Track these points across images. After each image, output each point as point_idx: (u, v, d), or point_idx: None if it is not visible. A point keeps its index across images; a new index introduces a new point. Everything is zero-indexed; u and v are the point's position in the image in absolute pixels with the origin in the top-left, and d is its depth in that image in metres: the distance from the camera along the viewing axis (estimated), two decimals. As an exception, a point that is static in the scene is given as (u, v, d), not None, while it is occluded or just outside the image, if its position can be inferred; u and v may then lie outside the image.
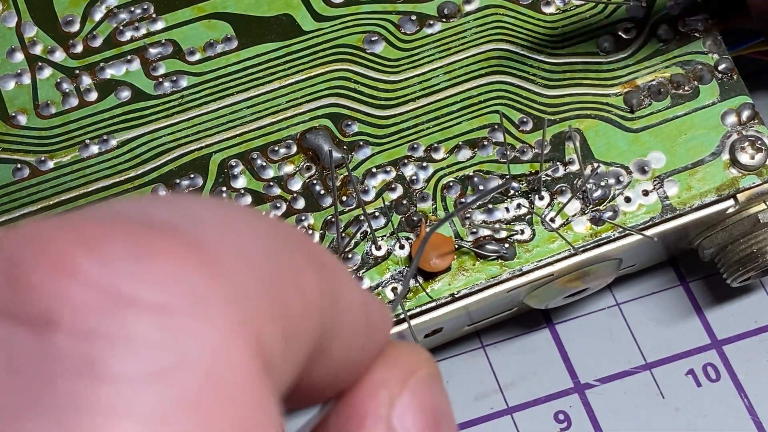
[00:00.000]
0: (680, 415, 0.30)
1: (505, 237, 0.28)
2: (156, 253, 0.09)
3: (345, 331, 0.12)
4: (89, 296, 0.09)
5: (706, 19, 0.30)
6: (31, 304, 0.09)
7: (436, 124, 0.29)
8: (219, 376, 0.09)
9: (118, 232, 0.09)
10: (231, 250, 0.10)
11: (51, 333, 0.09)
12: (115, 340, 0.09)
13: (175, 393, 0.09)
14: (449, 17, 0.30)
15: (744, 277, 0.29)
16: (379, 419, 0.12)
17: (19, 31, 0.29)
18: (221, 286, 0.09)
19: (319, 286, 0.11)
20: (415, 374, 0.13)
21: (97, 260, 0.09)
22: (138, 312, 0.09)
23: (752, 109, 0.29)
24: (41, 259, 0.09)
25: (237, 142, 0.29)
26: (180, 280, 0.09)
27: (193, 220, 0.10)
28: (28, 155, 0.28)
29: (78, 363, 0.08)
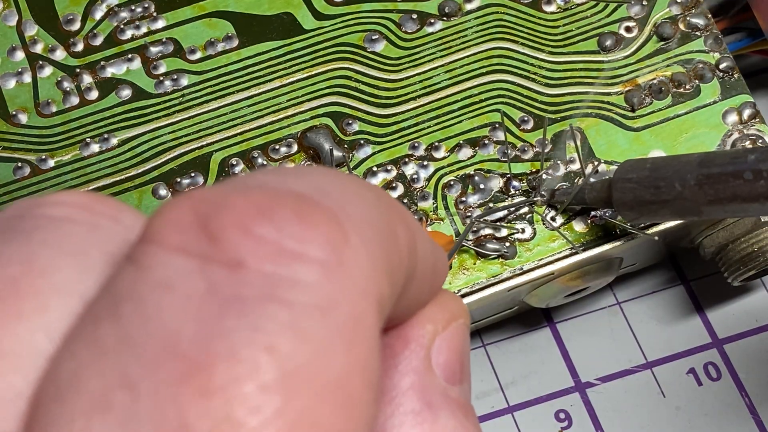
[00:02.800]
0: (681, 414, 0.30)
1: (506, 236, 0.28)
2: (313, 222, 0.12)
3: (419, 275, 0.14)
4: (267, 250, 0.11)
5: (708, 17, 0.30)
6: (224, 252, 0.11)
7: (436, 123, 0.29)
8: (359, 319, 0.11)
9: (284, 203, 0.12)
10: (357, 220, 0.12)
11: (241, 270, 0.11)
12: (289, 280, 0.11)
13: (332, 323, 0.11)
14: (450, 16, 0.30)
15: (745, 276, 0.29)
16: (421, 346, 0.15)
17: (20, 30, 0.29)
18: (358, 252, 0.12)
19: (408, 242, 0.13)
20: (457, 320, 0.15)
21: (272, 226, 0.11)
22: (304, 263, 0.11)
23: (753, 108, 0.29)
24: (228, 220, 0.11)
25: (238, 141, 0.29)
26: (332, 245, 0.12)
27: (326, 192, 0.12)
28: (28, 154, 0.28)
29: (264, 289, 0.11)
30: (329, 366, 0.11)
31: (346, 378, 0.11)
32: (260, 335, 0.11)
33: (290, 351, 0.11)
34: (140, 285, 0.11)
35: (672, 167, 0.24)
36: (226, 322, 0.11)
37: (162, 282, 0.11)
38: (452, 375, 0.15)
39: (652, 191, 0.24)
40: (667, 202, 0.24)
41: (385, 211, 0.13)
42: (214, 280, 0.11)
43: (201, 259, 0.11)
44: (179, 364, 0.10)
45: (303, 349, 0.11)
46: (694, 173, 0.23)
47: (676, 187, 0.23)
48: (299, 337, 0.11)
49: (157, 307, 0.11)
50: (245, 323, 0.11)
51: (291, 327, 0.11)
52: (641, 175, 0.25)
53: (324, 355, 0.11)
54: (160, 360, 0.10)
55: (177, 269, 0.11)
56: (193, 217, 0.11)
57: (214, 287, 0.11)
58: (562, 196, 0.27)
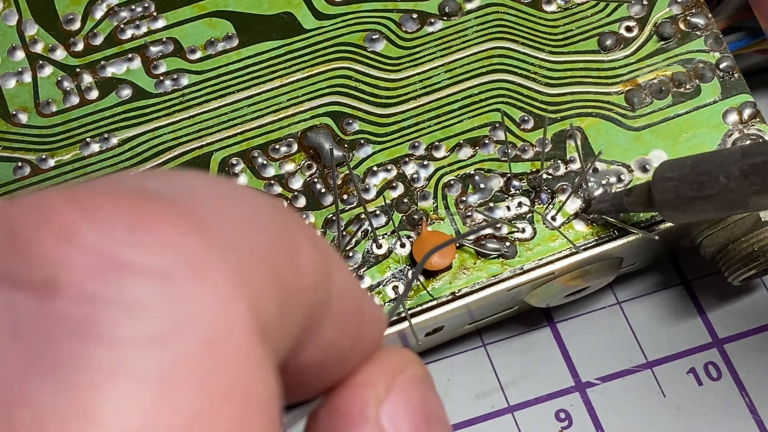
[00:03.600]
0: (681, 414, 0.30)
1: (506, 235, 0.28)
2: (154, 221, 0.09)
3: (337, 314, 0.12)
4: (90, 262, 0.09)
5: (708, 16, 0.30)
6: (33, 270, 0.09)
7: (437, 123, 0.29)
8: (218, 338, 0.09)
9: (116, 201, 0.09)
10: (227, 220, 0.10)
11: (54, 297, 0.09)
12: (116, 304, 0.09)
13: (175, 355, 0.09)
14: (450, 15, 0.30)
15: (745, 275, 0.29)
16: (367, 419, 0.12)
17: (20, 30, 0.29)
18: (218, 253, 0.09)
19: (314, 262, 0.11)
20: (402, 373, 0.13)
21: (97, 228, 0.09)
22: (137, 277, 0.09)
23: (754, 108, 0.29)
24: (43, 226, 0.09)
25: (238, 141, 0.29)
26: (178, 247, 0.09)
27: (190, 192, 0.10)
28: (29, 153, 0.28)
29: (80, 326, 0.09)
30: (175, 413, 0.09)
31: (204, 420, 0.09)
32: (74, 395, 0.09)
33: (117, 409, 0.09)
34: None
35: (714, 161, 0.24)
36: (30, 381, 0.09)
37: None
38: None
39: (695, 187, 0.24)
40: (712, 197, 0.24)
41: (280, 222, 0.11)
42: (19, 317, 0.09)
43: (6, 285, 0.09)
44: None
45: (136, 401, 0.09)
46: (738, 164, 0.23)
47: (721, 180, 0.23)
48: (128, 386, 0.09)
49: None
50: (55, 381, 0.09)
51: (117, 374, 0.09)
52: (682, 172, 0.24)
53: (166, 401, 0.09)
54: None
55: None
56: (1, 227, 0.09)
57: (19, 327, 0.09)
58: (599, 204, 0.27)
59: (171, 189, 0.10)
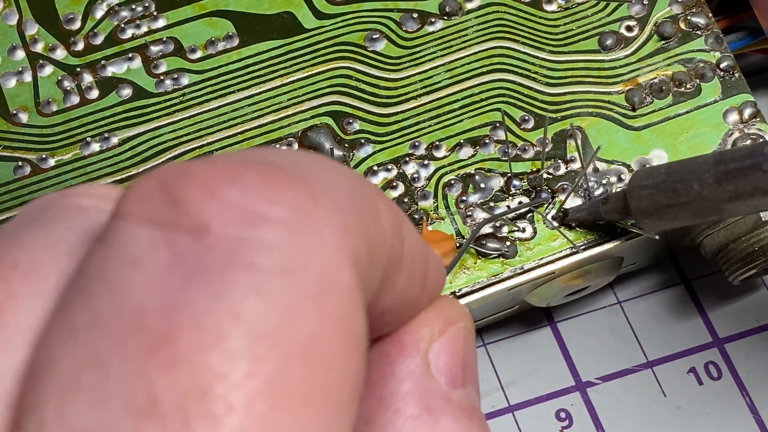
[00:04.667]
0: (682, 414, 0.30)
1: (507, 235, 0.28)
2: (279, 184, 0.11)
3: (408, 266, 0.14)
4: (232, 213, 0.11)
5: (708, 16, 0.30)
6: (187, 217, 0.11)
7: (437, 122, 0.29)
8: (331, 278, 0.11)
9: (249, 168, 0.12)
10: (329, 187, 0.12)
11: (206, 236, 0.11)
12: (254, 242, 0.11)
13: (300, 284, 0.11)
14: (451, 15, 0.30)
15: (746, 275, 0.29)
16: (417, 350, 0.15)
17: (21, 29, 0.29)
18: (326, 212, 0.12)
19: (391, 222, 0.13)
20: (455, 324, 0.15)
21: (236, 187, 0.11)
22: (269, 225, 0.11)
23: (754, 107, 0.29)
24: (194, 185, 0.11)
25: (238, 140, 0.29)
26: (298, 205, 0.11)
27: (300, 164, 0.12)
28: (29, 153, 0.28)
29: (228, 255, 0.11)
30: (298, 328, 0.11)
31: (317, 339, 0.11)
32: (224, 302, 0.11)
33: (255, 316, 0.11)
34: (108, 262, 0.11)
35: (687, 169, 0.24)
36: (189, 291, 0.11)
37: (128, 257, 0.11)
38: (453, 378, 0.15)
39: (669, 195, 0.24)
40: (687, 204, 0.24)
41: (365, 188, 0.13)
42: (179, 249, 0.11)
43: (165, 228, 0.11)
44: (145, 337, 0.10)
45: (269, 312, 0.11)
46: (711, 171, 0.23)
47: (695, 188, 0.23)
48: (264, 300, 0.11)
49: (123, 283, 0.11)
50: (209, 291, 0.11)
51: (255, 291, 0.11)
52: (657, 180, 0.24)
53: (292, 317, 0.11)
54: (126, 335, 0.11)
55: (142, 242, 0.11)
56: (158, 187, 0.11)
57: (179, 256, 0.11)
58: (576, 213, 0.27)
59: (286, 162, 0.12)
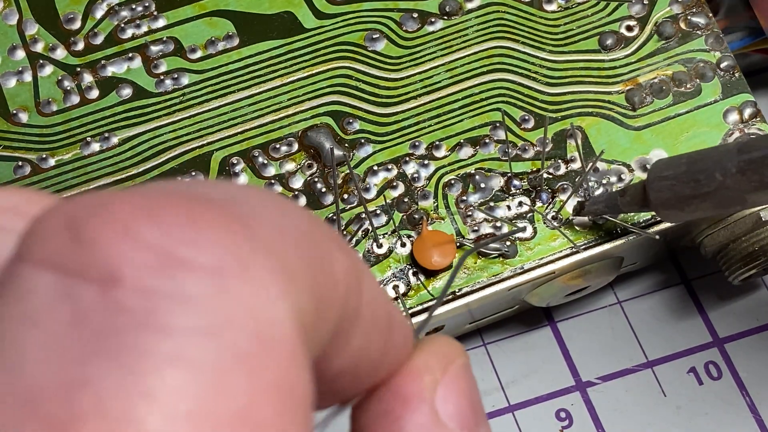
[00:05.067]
0: (682, 413, 0.30)
1: (507, 234, 0.28)
2: (208, 223, 0.10)
3: (367, 321, 0.12)
4: (148, 257, 0.10)
5: (709, 16, 0.30)
6: (96, 263, 0.10)
7: (437, 122, 0.29)
8: (266, 333, 0.10)
9: (173, 203, 0.10)
10: (270, 226, 0.11)
11: (114, 288, 0.10)
12: (173, 297, 0.10)
13: (227, 346, 0.10)
14: (451, 15, 0.30)
15: (746, 275, 0.29)
16: (422, 400, 0.13)
17: (21, 29, 0.29)
18: (264, 255, 0.10)
19: (346, 270, 0.12)
20: (454, 362, 0.14)
21: (155, 226, 0.10)
22: (192, 272, 0.10)
23: (754, 107, 0.29)
24: (105, 223, 0.10)
25: (238, 140, 0.29)
26: (229, 247, 0.10)
27: (236, 200, 0.11)
28: (29, 153, 0.28)
29: (139, 316, 0.09)
30: (227, 400, 0.09)
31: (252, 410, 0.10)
32: (135, 379, 0.09)
33: (172, 393, 0.09)
34: (4, 322, 0.10)
35: (710, 158, 0.23)
36: (93, 365, 0.09)
37: (26, 315, 0.10)
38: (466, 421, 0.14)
39: (691, 185, 0.23)
40: (709, 195, 0.23)
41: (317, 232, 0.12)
42: (82, 305, 0.09)
43: (69, 276, 0.10)
44: (41, 426, 0.09)
45: (190, 387, 0.09)
46: (735, 161, 0.22)
47: (717, 178, 0.23)
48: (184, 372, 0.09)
49: (18, 352, 0.09)
50: (116, 365, 0.09)
51: (173, 361, 0.09)
52: (678, 171, 0.24)
53: (219, 389, 0.09)
54: (21, 421, 0.09)
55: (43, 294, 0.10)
56: (63, 222, 0.10)
57: (81, 316, 0.09)
58: (593, 206, 0.27)
59: (220, 196, 0.11)
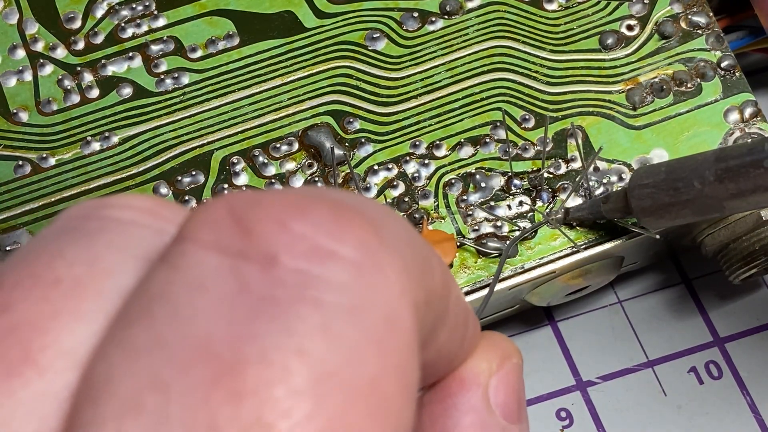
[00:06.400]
0: (682, 413, 0.30)
1: (507, 234, 0.28)
2: (349, 223, 0.12)
3: (451, 321, 0.14)
4: (302, 246, 0.11)
5: (709, 15, 0.30)
6: (257, 247, 0.11)
7: (438, 121, 0.29)
8: (394, 321, 0.11)
9: (320, 204, 0.12)
10: (393, 232, 0.12)
11: (274, 267, 0.11)
12: (322, 278, 0.11)
13: (365, 325, 0.11)
14: (451, 14, 0.30)
15: (746, 274, 0.29)
16: (478, 384, 0.15)
17: (21, 28, 0.29)
18: (391, 255, 0.12)
19: (442, 275, 0.13)
20: (510, 359, 0.15)
21: (307, 222, 0.11)
22: (338, 262, 0.11)
23: (755, 107, 0.29)
24: (264, 214, 0.11)
25: (239, 139, 0.29)
26: (367, 246, 0.12)
27: (364, 205, 0.12)
28: (29, 152, 0.28)
29: (296, 289, 0.11)
30: (362, 369, 0.11)
31: (379, 381, 0.11)
32: (291, 338, 0.11)
33: (321, 354, 0.11)
34: (174, 286, 0.11)
35: (688, 166, 0.24)
36: (258, 324, 0.11)
37: (195, 282, 0.11)
38: (510, 414, 0.15)
39: (671, 193, 0.24)
40: (688, 202, 0.24)
41: (420, 241, 0.13)
42: (247, 280, 0.11)
43: (234, 257, 0.11)
44: (211, 366, 0.10)
45: (334, 352, 0.11)
46: (712, 169, 0.23)
47: (696, 186, 0.23)
48: (330, 339, 0.11)
49: (189, 309, 0.11)
50: (277, 326, 0.11)
51: (323, 329, 0.11)
52: (657, 179, 0.24)
53: (356, 358, 0.11)
54: (191, 362, 0.11)
55: (210, 268, 0.11)
56: (227, 214, 0.12)
57: (247, 287, 0.11)
58: (577, 213, 0.27)
59: (354, 202, 0.12)
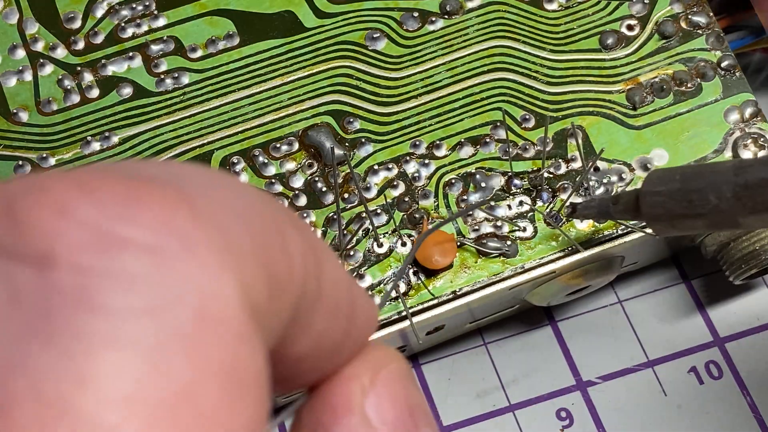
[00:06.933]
0: (682, 413, 0.30)
1: (507, 234, 0.28)
2: (147, 200, 0.10)
3: (328, 305, 0.12)
4: (85, 236, 0.09)
5: (709, 15, 0.30)
6: (30, 242, 0.09)
7: (438, 121, 0.29)
8: (208, 312, 0.09)
9: (111, 181, 0.10)
10: (217, 204, 0.10)
11: (50, 268, 0.09)
12: (110, 276, 0.09)
13: (167, 326, 0.09)
14: (451, 14, 0.30)
15: (746, 274, 0.29)
16: (351, 410, 0.13)
17: (21, 28, 0.29)
18: (208, 232, 0.10)
19: (303, 251, 0.11)
20: (385, 368, 0.13)
21: (92, 204, 0.09)
22: (131, 251, 0.09)
23: (755, 106, 0.29)
24: (40, 201, 0.09)
25: (239, 139, 0.29)
26: (170, 225, 0.10)
27: (182, 178, 0.10)
28: (29, 152, 0.28)
29: (76, 296, 0.09)
30: (166, 382, 0.09)
31: (193, 392, 0.09)
32: (71, 362, 0.09)
33: (110, 376, 0.09)
34: None
35: (704, 177, 0.22)
36: (29, 347, 0.09)
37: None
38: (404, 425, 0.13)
39: (684, 205, 0.23)
40: (701, 216, 0.23)
41: (269, 210, 0.11)
42: (18, 286, 0.09)
43: (4, 258, 0.09)
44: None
45: (128, 369, 0.09)
46: (730, 184, 0.22)
47: (711, 200, 0.22)
48: (122, 354, 0.09)
49: None
50: (52, 348, 0.09)
51: (111, 343, 0.09)
52: (671, 187, 0.23)
53: (157, 370, 0.09)
54: None
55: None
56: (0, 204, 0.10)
57: (17, 296, 0.09)
58: (585, 210, 0.27)
59: (164, 175, 0.10)
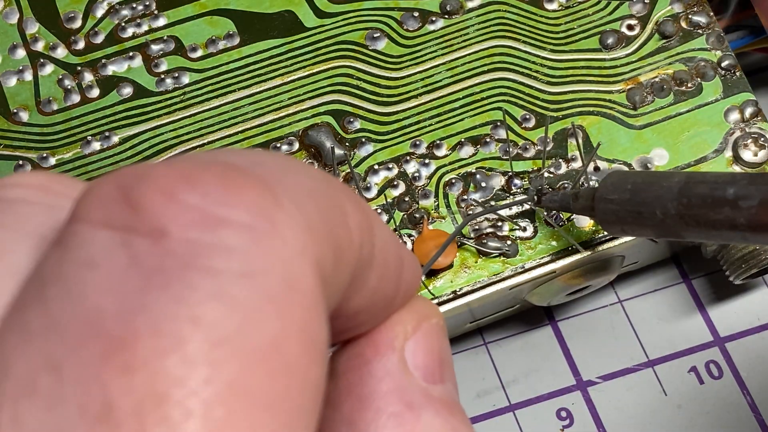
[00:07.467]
0: (682, 413, 0.30)
1: (508, 234, 0.28)
2: (240, 187, 0.11)
3: (380, 264, 0.14)
4: (191, 216, 0.11)
5: (710, 14, 0.30)
6: (146, 220, 0.11)
7: (438, 121, 0.29)
8: (293, 282, 0.11)
9: (209, 171, 0.12)
10: (292, 188, 0.12)
11: (164, 239, 0.11)
12: (215, 247, 0.11)
13: (260, 289, 0.11)
14: (452, 14, 0.30)
15: (746, 274, 0.29)
16: (392, 349, 0.15)
17: (21, 28, 0.29)
18: (289, 215, 0.12)
19: (359, 222, 0.13)
20: (427, 320, 0.15)
21: (195, 191, 0.11)
22: (230, 229, 0.11)
23: (755, 106, 0.29)
24: (152, 188, 0.11)
25: (239, 139, 0.29)
26: (259, 208, 0.11)
27: (262, 165, 0.12)
28: (29, 152, 0.28)
29: (186, 258, 0.11)
30: (259, 332, 0.11)
31: (279, 343, 0.11)
32: (183, 307, 0.11)
33: (215, 320, 0.11)
34: (65, 265, 0.11)
35: (653, 192, 0.24)
36: (147, 295, 0.11)
37: (86, 260, 0.11)
38: (431, 375, 0.15)
39: (633, 215, 0.24)
40: (649, 226, 0.24)
41: (330, 188, 0.13)
42: (137, 253, 0.11)
43: (123, 232, 0.11)
44: (102, 342, 0.10)
45: (229, 317, 0.11)
46: (674, 202, 0.23)
47: (657, 215, 0.23)
48: (224, 304, 0.11)
49: (80, 287, 0.11)
50: (168, 295, 0.11)
51: (215, 296, 0.11)
52: (622, 197, 0.24)
53: (253, 322, 0.11)
54: (83, 340, 0.10)
55: (100, 245, 0.11)
56: (116, 190, 0.11)
57: (137, 260, 0.11)
58: (549, 202, 0.27)
59: (248, 163, 0.12)
